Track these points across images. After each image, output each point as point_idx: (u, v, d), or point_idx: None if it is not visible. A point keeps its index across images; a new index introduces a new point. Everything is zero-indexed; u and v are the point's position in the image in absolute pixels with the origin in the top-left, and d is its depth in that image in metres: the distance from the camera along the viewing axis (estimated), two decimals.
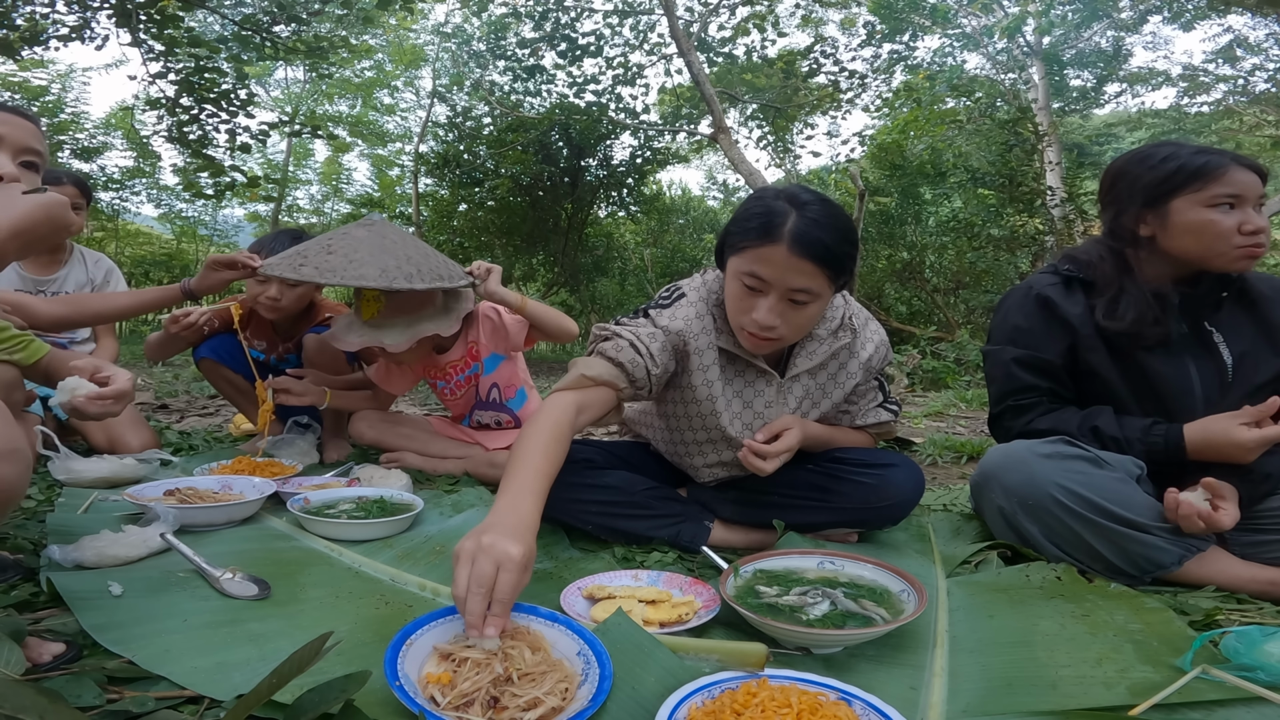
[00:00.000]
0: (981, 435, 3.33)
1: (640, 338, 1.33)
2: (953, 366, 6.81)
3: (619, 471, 1.52)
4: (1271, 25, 9.72)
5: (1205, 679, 0.89)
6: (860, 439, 1.58)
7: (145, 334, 9.51)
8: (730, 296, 1.31)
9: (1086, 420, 1.36)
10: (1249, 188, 1.29)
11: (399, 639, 0.88)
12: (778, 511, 1.49)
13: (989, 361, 1.50)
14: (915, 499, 1.47)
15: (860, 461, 1.47)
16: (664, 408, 1.54)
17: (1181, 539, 1.25)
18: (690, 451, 1.55)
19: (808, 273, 1.20)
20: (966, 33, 11.63)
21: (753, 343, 1.30)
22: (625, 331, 1.35)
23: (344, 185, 15.14)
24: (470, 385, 2.22)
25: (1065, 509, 1.25)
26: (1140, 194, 1.38)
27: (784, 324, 1.25)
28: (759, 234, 1.21)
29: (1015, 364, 1.43)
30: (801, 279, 1.20)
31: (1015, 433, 1.44)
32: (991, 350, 1.50)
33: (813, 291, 1.22)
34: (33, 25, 5.21)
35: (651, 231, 12.69)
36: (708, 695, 0.80)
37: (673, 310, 1.39)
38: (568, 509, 1.46)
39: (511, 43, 9.81)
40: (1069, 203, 9.56)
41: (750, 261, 1.22)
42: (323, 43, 6.39)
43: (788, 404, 1.46)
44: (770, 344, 1.29)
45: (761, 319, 1.23)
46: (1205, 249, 1.32)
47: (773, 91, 10.75)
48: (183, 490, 1.63)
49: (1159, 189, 1.35)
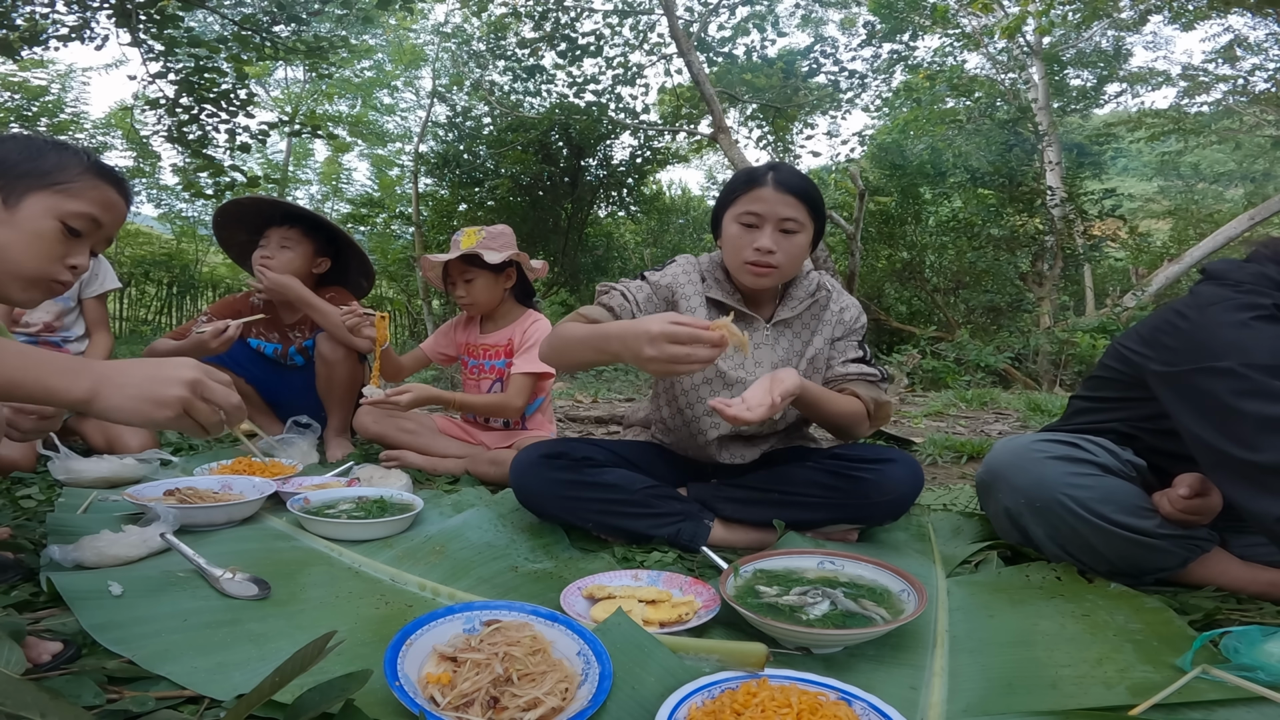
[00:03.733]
0: (981, 435, 3.33)
1: (629, 289, 1.54)
2: (953, 366, 6.82)
3: (619, 470, 1.52)
4: (1271, 25, 9.71)
5: (1205, 679, 0.89)
6: (854, 406, 1.50)
7: (146, 334, 9.51)
8: (730, 242, 1.50)
9: None
10: None
11: (399, 639, 0.88)
12: (777, 509, 1.49)
13: (1256, 392, 1.04)
14: (914, 494, 1.48)
15: (859, 457, 1.49)
16: None
17: (1185, 541, 1.24)
18: (692, 402, 1.59)
19: (792, 205, 1.44)
20: (967, 33, 11.62)
21: (754, 275, 1.47)
22: (619, 286, 1.56)
23: (344, 185, 15.12)
24: (496, 376, 2.28)
25: (1073, 513, 1.23)
26: None
27: (780, 252, 1.45)
28: (746, 183, 1.48)
29: None
30: (789, 209, 1.44)
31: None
32: (1256, 379, 1.05)
33: (799, 221, 1.46)
34: (33, 25, 5.21)
35: (651, 231, 12.70)
36: (708, 695, 0.80)
37: (664, 270, 1.61)
38: (567, 507, 1.47)
39: (511, 43, 9.81)
40: (1069, 203, 9.57)
41: (745, 204, 1.46)
42: (323, 43, 6.39)
43: (776, 350, 1.57)
44: (769, 272, 1.46)
45: (762, 244, 1.44)
46: None
47: (773, 91, 10.75)
48: (183, 490, 1.63)
49: None
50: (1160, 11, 9.32)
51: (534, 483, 1.48)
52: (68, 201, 1.06)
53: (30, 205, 1.04)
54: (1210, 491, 1.19)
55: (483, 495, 1.81)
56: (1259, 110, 11.20)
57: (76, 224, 1.07)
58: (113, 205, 1.12)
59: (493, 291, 2.22)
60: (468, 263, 2.17)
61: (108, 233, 1.13)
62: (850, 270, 6.28)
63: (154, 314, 11.13)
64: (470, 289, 2.19)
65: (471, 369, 2.33)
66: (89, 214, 1.08)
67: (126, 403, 0.85)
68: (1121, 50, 12.21)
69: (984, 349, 7.10)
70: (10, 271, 1.04)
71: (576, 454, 1.50)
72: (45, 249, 1.05)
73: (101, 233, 1.12)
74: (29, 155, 1.05)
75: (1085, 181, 10.57)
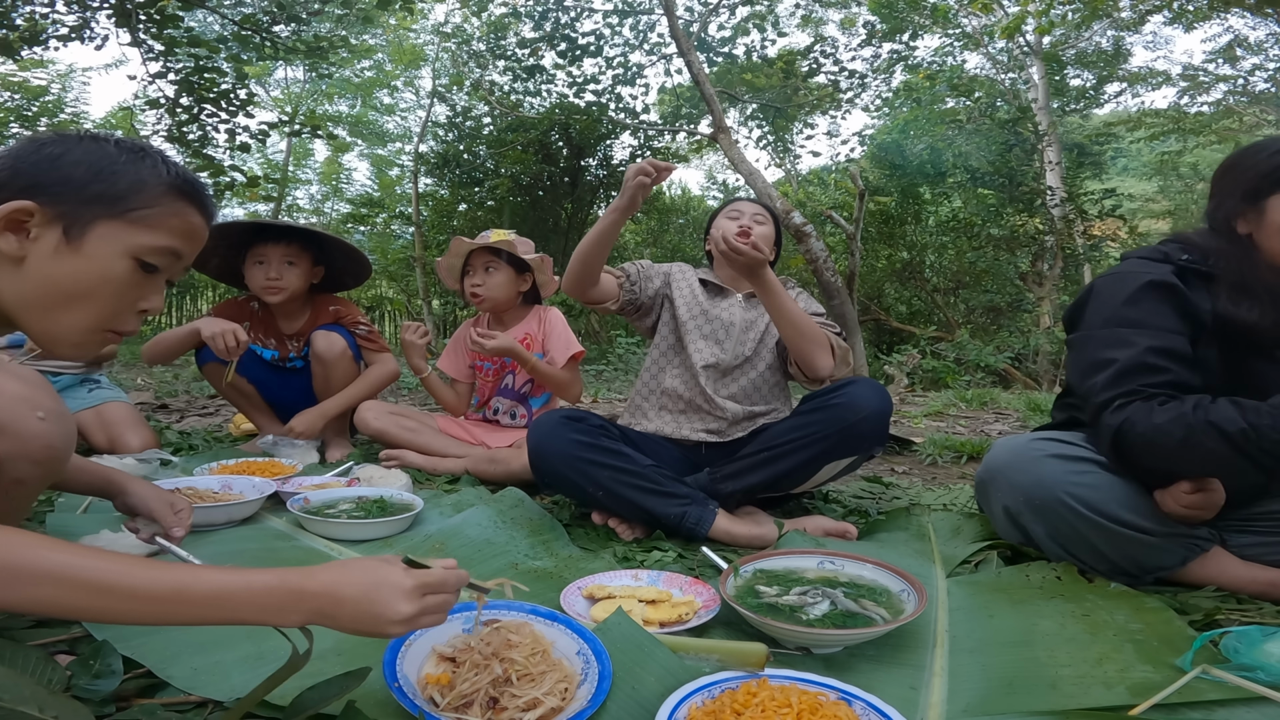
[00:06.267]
0: (981, 435, 3.33)
1: (641, 264, 1.93)
2: (953, 366, 6.82)
3: (630, 449, 1.60)
4: (1271, 25, 9.72)
5: (1205, 679, 0.89)
6: (815, 323, 1.68)
7: (145, 334, 9.51)
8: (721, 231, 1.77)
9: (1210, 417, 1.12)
10: None
11: (398, 640, 0.87)
12: (769, 466, 1.57)
13: (1097, 345, 1.28)
14: (887, 409, 1.55)
15: (825, 391, 1.60)
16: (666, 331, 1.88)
17: (1185, 540, 1.25)
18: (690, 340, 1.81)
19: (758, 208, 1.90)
20: (967, 32, 11.62)
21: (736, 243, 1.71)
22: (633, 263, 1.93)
23: (344, 185, 15.14)
24: (505, 371, 2.33)
25: (1073, 511, 1.23)
26: (1241, 188, 1.27)
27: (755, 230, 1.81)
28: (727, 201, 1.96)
29: (1151, 352, 1.21)
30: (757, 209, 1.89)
31: (1133, 428, 1.18)
32: (1103, 333, 1.28)
33: (764, 218, 1.88)
34: (32, 25, 5.20)
35: (651, 231, 12.70)
36: (708, 695, 0.80)
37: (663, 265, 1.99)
38: (580, 469, 1.52)
39: (511, 43, 9.80)
40: (1069, 202, 9.57)
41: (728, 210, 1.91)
42: (322, 43, 6.39)
43: (747, 314, 1.85)
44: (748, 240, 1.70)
45: (744, 223, 1.83)
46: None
47: (773, 91, 10.75)
48: (183, 490, 1.63)
49: (1259, 184, 1.24)
50: (1160, 11, 9.31)
51: (552, 442, 1.54)
52: (144, 234, 0.86)
53: (98, 239, 0.84)
54: (1211, 487, 1.19)
55: (482, 494, 1.81)
56: (1259, 110, 11.19)
57: (154, 259, 0.87)
58: (196, 232, 0.92)
59: (508, 289, 2.26)
60: (494, 254, 2.23)
61: (187, 263, 0.93)
62: (850, 270, 6.27)
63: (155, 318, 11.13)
64: (488, 279, 2.24)
65: (483, 370, 2.36)
66: (169, 247, 0.88)
67: (348, 632, 0.72)
68: (1121, 50, 12.21)
69: (984, 349, 7.11)
70: (67, 324, 0.85)
71: (593, 421, 1.59)
72: (113, 295, 0.86)
73: (180, 264, 0.91)
74: (99, 173, 0.84)
75: (1085, 181, 10.58)
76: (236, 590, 0.69)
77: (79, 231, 0.83)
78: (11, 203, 0.80)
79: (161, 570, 0.68)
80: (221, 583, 0.69)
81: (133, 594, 0.66)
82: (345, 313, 2.43)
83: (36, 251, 0.82)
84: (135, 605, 0.66)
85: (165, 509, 1.18)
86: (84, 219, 0.83)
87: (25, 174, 0.82)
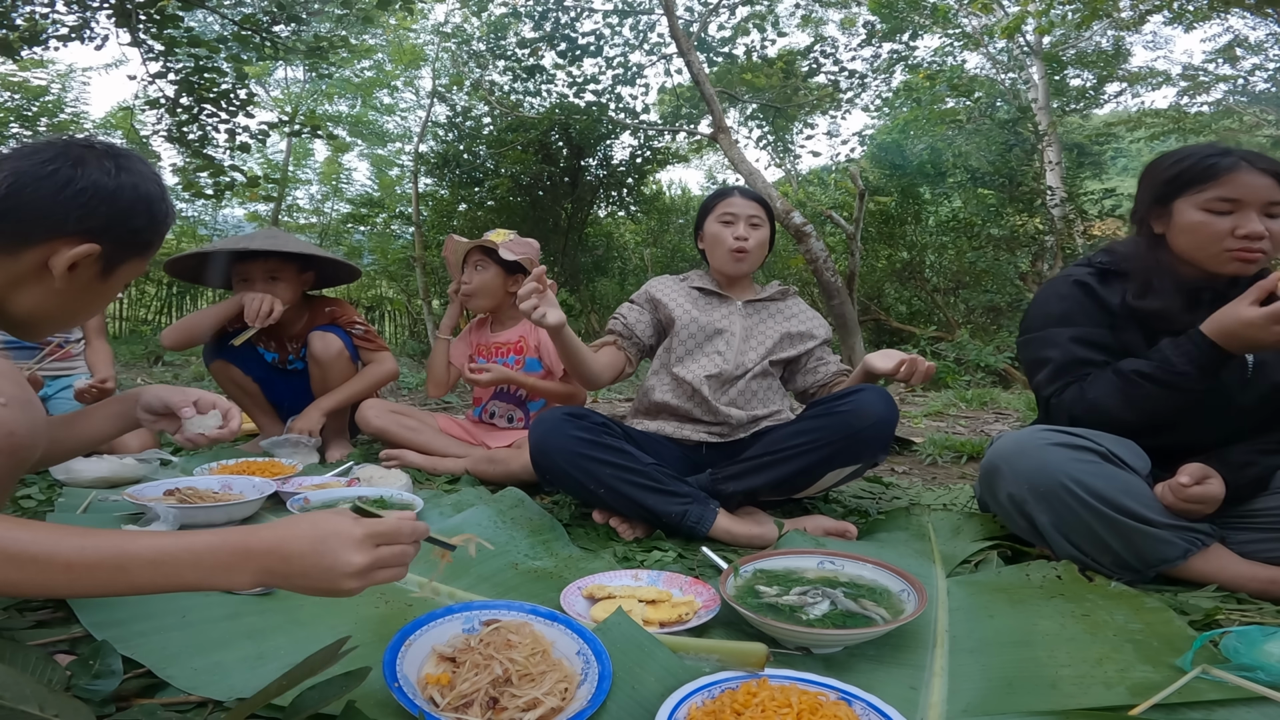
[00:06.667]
0: (981, 435, 3.33)
1: (621, 313, 1.92)
2: (953, 366, 6.81)
3: (632, 448, 1.59)
4: (1271, 25, 9.71)
5: (1205, 679, 0.89)
6: None
7: (145, 334, 9.51)
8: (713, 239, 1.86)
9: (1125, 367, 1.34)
10: (1254, 191, 1.28)
11: (398, 640, 0.88)
12: (772, 469, 1.55)
13: (1035, 345, 1.48)
14: (893, 418, 1.54)
15: (831, 398, 1.59)
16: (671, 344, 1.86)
17: (1186, 533, 1.25)
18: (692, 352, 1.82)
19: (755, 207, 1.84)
20: (967, 32, 11.62)
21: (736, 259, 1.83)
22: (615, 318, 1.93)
23: (344, 185, 15.12)
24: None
25: (1075, 498, 1.25)
26: (1153, 191, 1.42)
27: (751, 239, 1.83)
28: (719, 195, 1.89)
29: (1074, 342, 1.42)
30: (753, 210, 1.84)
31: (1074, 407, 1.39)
32: (1039, 334, 1.48)
33: (761, 218, 1.85)
34: (32, 25, 5.20)
35: (651, 231, 12.68)
36: (708, 695, 0.80)
37: (639, 292, 1.96)
38: (582, 466, 1.52)
39: (511, 43, 9.80)
40: (1069, 202, 9.57)
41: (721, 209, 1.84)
42: (322, 43, 6.38)
43: (747, 322, 1.86)
44: (745, 256, 1.82)
45: (740, 233, 1.81)
46: (1198, 250, 1.35)
47: (773, 91, 10.74)
48: (183, 490, 1.63)
49: (1166, 188, 1.38)
50: (1160, 11, 9.31)
51: (554, 439, 1.54)
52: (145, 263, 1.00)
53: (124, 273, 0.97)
54: (1211, 480, 1.22)
55: (483, 494, 1.81)
56: (1259, 110, 11.20)
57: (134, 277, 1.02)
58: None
59: (493, 288, 2.27)
60: (486, 253, 2.24)
61: None
62: (850, 270, 6.27)
63: (154, 314, 11.12)
64: (475, 276, 2.26)
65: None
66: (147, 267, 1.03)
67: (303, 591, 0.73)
68: (1121, 50, 12.19)
69: (984, 349, 7.10)
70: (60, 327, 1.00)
71: (596, 419, 1.59)
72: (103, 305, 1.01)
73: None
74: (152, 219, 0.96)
75: (1085, 181, 10.58)
76: (177, 552, 0.68)
77: (112, 268, 0.94)
78: (83, 247, 0.89)
79: (98, 538, 0.67)
80: (160, 546, 0.68)
81: (69, 564, 0.65)
82: (341, 313, 2.43)
83: (74, 280, 0.92)
84: (73, 576, 0.65)
85: (177, 395, 1.18)
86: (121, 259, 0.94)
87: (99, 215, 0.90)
